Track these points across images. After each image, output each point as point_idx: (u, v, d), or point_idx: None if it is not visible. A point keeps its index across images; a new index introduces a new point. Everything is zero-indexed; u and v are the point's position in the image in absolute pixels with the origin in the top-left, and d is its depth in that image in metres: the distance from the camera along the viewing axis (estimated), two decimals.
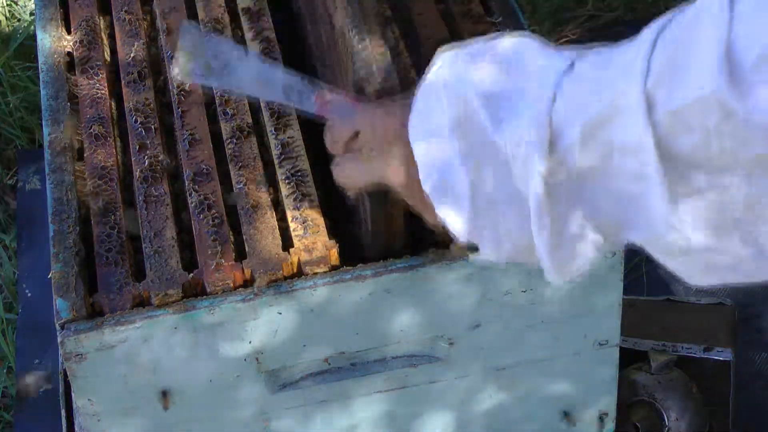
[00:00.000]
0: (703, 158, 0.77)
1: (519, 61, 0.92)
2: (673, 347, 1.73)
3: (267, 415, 1.30)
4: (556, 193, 0.87)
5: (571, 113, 0.85)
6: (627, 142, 0.81)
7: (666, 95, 0.77)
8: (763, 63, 0.71)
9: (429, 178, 0.95)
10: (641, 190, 0.82)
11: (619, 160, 0.82)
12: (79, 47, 1.47)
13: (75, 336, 1.16)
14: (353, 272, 1.20)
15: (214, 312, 1.18)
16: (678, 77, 0.76)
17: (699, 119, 0.75)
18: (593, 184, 0.85)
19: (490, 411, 1.37)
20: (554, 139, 0.85)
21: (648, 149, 0.79)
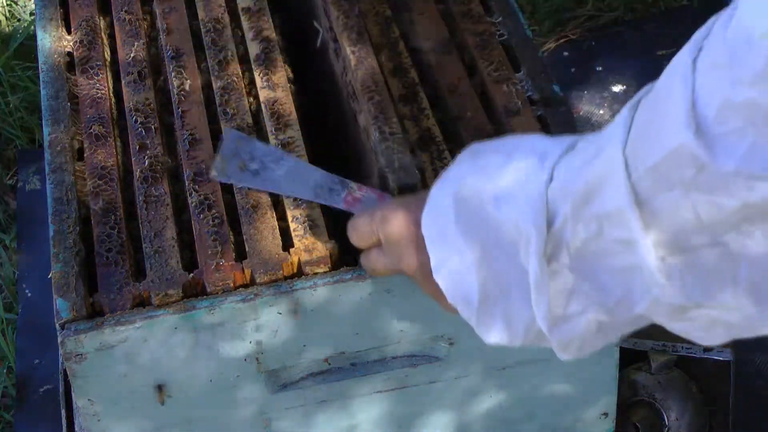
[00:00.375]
0: (689, 216, 0.78)
1: (519, 146, 0.97)
2: (673, 347, 1.73)
3: (267, 415, 1.30)
4: (556, 271, 0.90)
5: (563, 190, 0.89)
6: (611, 209, 0.83)
7: (642, 154, 0.80)
8: (724, 114, 0.73)
9: (438, 273, 1.01)
10: (634, 257, 0.83)
11: (608, 229, 0.84)
12: (79, 47, 1.47)
13: (75, 336, 1.16)
14: (353, 272, 1.20)
15: (214, 312, 1.18)
16: (652, 135, 0.79)
17: (675, 174, 0.77)
18: (592, 259, 0.88)
19: (490, 411, 1.37)
20: (551, 218, 0.89)
21: (630, 212, 0.81)
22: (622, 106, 2.38)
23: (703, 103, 0.74)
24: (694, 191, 0.76)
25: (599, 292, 0.89)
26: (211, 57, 1.43)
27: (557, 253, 0.89)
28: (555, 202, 0.89)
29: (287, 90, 1.39)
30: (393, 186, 1.21)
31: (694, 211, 0.77)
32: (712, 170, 0.74)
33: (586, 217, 0.86)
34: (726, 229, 0.77)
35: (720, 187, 0.75)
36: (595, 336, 0.93)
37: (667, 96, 0.78)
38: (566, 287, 0.90)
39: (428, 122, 1.35)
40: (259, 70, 1.42)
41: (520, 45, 1.44)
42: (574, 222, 0.87)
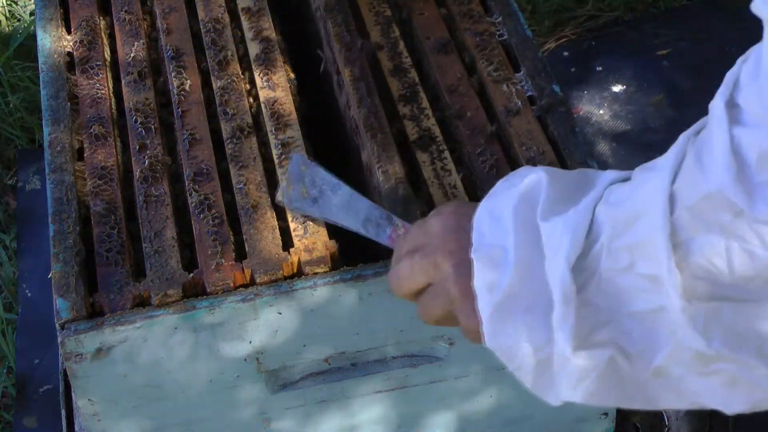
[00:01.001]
0: (722, 262, 0.78)
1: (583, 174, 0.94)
2: None
3: (267, 415, 1.30)
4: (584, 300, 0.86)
5: (607, 214, 0.86)
6: (645, 239, 0.81)
7: (687, 191, 0.79)
8: (764, 161, 0.74)
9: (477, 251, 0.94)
10: (659, 297, 0.82)
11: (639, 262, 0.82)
12: (79, 47, 1.47)
13: (75, 336, 1.16)
14: (353, 272, 1.20)
15: (214, 312, 1.18)
16: (697, 175, 0.78)
17: (713, 215, 0.77)
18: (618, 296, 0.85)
19: (490, 411, 1.37)
20: (592, 239, 0.86)
21: (662, 245, 0.80)
22: (622, 105, 2.40)
23: (745, 150, 0.75)
24: (731, 238, 0.76)
25: (622, 335, 0.86)
26: (211, 57, 1.43)
27: (588, 281, 0.86)
28: (598, 224, 0.86)
29: (287, 90, 1.39)
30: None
31: (728, 257, 0.77)
32: (748, 217, 0.75)
33: (620, 247, 0.84)
34: (758, 284, 0.77)
35: (755, 236, 0.75)
36: (611, 380, 0.88)
37: (710, 138, 0.78)
38: (590, 319, 0.87)
39: (428, 122, 1.35)
40: (259, 70, 1.42)
41: (520, 45, 1.44)
42: (608, 250, 0.85)
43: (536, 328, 0.89)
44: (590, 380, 0.88)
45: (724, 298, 0.79)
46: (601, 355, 0.86)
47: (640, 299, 0.84)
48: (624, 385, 0.88)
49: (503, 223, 0.92)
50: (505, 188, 0.95)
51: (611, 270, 0.85)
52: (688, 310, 0.80)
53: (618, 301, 0.85)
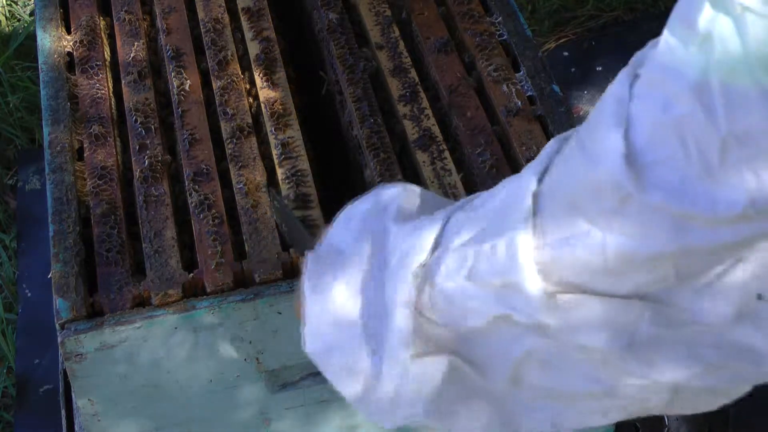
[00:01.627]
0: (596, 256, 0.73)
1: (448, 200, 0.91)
2: None
3: (267, 415, 1.30)
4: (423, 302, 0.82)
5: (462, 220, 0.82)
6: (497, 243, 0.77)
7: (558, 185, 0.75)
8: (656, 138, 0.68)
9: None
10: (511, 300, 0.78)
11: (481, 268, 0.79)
12: (79, 47, 1.47)
13: (75, 336, 1.16)
14: None
15: (214, 312, 1.18)
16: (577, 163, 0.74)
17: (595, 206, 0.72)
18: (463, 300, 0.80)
19: None
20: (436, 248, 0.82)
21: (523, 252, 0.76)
22: None
23: (635, 130, 0.69)
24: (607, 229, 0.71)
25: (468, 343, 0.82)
26: (211, 57, 1.43)
27: (426, 286, 0.82)
28: (450, 228, 0.82)
29: (287, 90, 1.39)
30: None
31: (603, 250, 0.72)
32: (637, 202, 0.69)
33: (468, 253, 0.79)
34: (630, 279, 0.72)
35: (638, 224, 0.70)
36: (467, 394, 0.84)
37: (597, 124, 0.72)
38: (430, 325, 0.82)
39: (428, 122, 1.35)
40: (259, 70, 1.42)
41: (520, 45, 1.44)
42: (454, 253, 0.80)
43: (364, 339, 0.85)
44: (432, 389, 0.84)
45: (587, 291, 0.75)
46: (439, 362, 0.82)
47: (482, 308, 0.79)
48: (489, 398, 0.83)
49: (351, 224, 0.90)
50: (368, 195, 0.93)
51: (451, 275, 0.80)
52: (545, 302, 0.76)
53: (459, 309, 0.81)
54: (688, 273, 0.72)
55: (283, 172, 1.29)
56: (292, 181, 1.28)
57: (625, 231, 0.71)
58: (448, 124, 1.37)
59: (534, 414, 0.83)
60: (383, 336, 0.84)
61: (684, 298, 0.73)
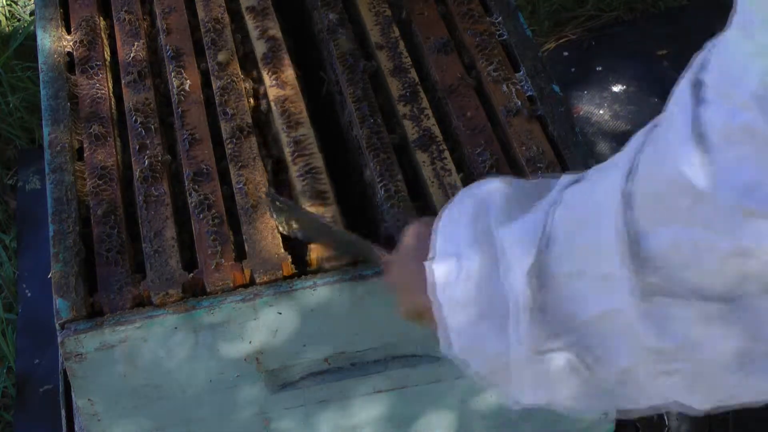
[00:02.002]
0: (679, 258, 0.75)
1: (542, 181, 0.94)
2: None
3: (267, 415, 1.30)
4: (543, 304, 0.86)
5: (562, 217, 0.85)
6: (599, 241, 0.80)
7: (644, 184, 0.77)
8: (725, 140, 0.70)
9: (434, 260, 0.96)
10: (612, 298, 0.80)
11: (592, 264, 0.81)
12: (79, 47, 1.47)
13: (75, 336, 1.16)
14: (353, 272, 1.20)
15: (214, 312, 1.18)
16: (656, 164, 0.76)
17: (671, 204, 0.74)
18: (576, 297, 0.84)
19: (489, 411, 1.37)
20: (546, 244, 0.85)
21: (618, 244, 0.78)
22: (622, 105, 2.40)
23: (706, 127, 0.71)
24: (688, 229, 0.73)
25: (579, 341, 0.85)
26: (211, 57, 1.43)
27: (543, 285, 0.85)
28: (555, 227, 0.85)
29: (297, 88, 1.39)
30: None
31: (694, 248, 0.74)
32: (709, 203, 0.71)
33: (575, 249, 0.83)
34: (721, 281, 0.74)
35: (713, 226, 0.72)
36: (572, 385, 0.88)
37: (669, 126, 0.75)
38: (547, 326, 0.86)
39: (428, 122, 1.35)
40: (267, 69, 1.41)
41: (520, 45, 1.44)
42: (564, 253, 0.84)
43: (493, 336, 0.90)
44: (548, 385, 0.89)
45: (679, 295, 0.77)
46: (557, 360, 0.87)
47: (594, 303, 0.83)
48: (588, 389, 0.88)
49: (460, 230, 0.94)
50: (465, 196, 0.97)
51: (566, 274, 0.84)
52: (641, 306, 0.79)
53: (574, 306, 0.84)
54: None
55: (297, 170, 1.29)
56: (306, 179, 1.28)
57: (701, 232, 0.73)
58: (448, 124, 1.37)
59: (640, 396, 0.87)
60: (508, 334, 0.88)
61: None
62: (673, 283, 0.77)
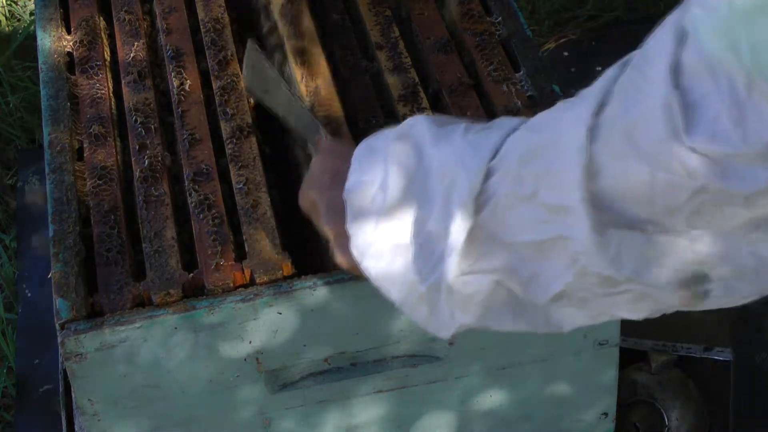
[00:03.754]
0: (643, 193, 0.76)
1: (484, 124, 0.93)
2: (673, 347, 1.73)
3: (267, 415, 1.30)
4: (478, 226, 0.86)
5: (514, 146, 0.85)
6: (555, 169, 0.80)
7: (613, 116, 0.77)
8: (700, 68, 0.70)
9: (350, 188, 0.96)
10: (560, 227, 0.81)
11: (544, 191, 0.82)
12: (79, 47, 1.47)
13: (75, 336, 1.16)
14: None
15: (214, 312, 1.18)
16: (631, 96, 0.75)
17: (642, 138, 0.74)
18: (515, 225, 0.84)
19: (489, 411, 1.37)
20: (493, 167, 0.85)
21: (575, 175, 0.78)
22: None
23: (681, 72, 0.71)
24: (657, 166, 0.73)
25: (513, 262, 0.86)
26: (211, 57, 1.43)
27: (484, 206, 0.85)
28: (508, 149, 0.85)
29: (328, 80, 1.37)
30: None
31: (650, 186, 0.75)
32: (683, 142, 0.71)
33: (528, 173, 0.83)
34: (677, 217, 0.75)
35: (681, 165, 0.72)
36: (504, 306, 0.89)
37: (646, 61, 0.74)
38: (482, 244, 0.86)
39: None
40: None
41: (520, 45, 1.44)
42: (514, 175, 0.84)
43: (418, 260, 0.90)
44: (478, 304, 0.89)
45: (637, 227, 0.78)
46: (484, 280, 0.87)
47: (536, 229, 0.83)
48: (521, 309, 0.89)
49: (378, 156, 0.94)
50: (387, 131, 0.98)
51: (512, 197, 0.84)
52: (595, 239, 0.79)
53: (511, 228, 0.85)
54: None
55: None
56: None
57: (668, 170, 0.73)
58: None
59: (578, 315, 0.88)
60: (438, 255, 0.88)
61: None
62: (628, 217, 0.77)
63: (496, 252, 0.86)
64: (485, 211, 0.85)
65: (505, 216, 0.85)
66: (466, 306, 0.90)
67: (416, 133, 0.94)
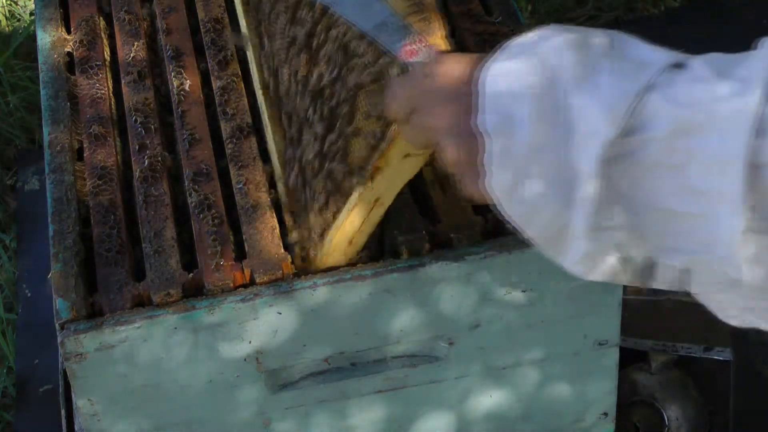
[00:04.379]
0: None
1: (624, 43, 0.87)
2: (673, 347, 1.73)
3: (267, 415, 1.30)
4: (610, 177, 0.83)
5: (665, 109, 0.81)
6: (716, 156, 0.77)
7: None
8: None
9: (491, 113, 0.88)
10: (710, 209, 0.78)
11: (694, 171, 0.78)
12: (79, 47, 1.47)
13: (75, 336, 1.16)
14: (353, 272, 1.20)
15: (214, 312, 1.18)
16: None
17: None
18: (656, 187, 0.81)
19: (489, 411, 1.37)
20: (634, 127, 0.81)
21: (736, 169, 0.75)
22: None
23: None
24: None
25: (640, 224, 0.83)
26: (211, 57, 1.43)
27: (619, 161, 0.81)
28: (653, 115, 0.81)
29: None
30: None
31: None
32: None
33: (680, 147, 0.79)
34: None
35: None
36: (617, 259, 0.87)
37: None
38: (610, 198, 0.83)
39: None
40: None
41: None
42: (663, 145, 0.80)
43: (552, 201, 0.86)
44: (596, 261, 0.87)
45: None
46: (609, 239, 0.85)
47: (679, 199, 0.80)
48: (627, 262, 0.87)
49: (516, 90, 0.87)
50: (518, 51, 0.89)
51: (659, 164, 0.80)
52: (742, 241, 0.76)
53: (648, 192, 0.81)
54: None
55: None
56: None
57: None
58: None
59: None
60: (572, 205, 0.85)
61: None
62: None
63: (624, 211, 0.83)
64: (617, 167, 0.82)
65: (643, 178, 0.81)
66: (582, 261, 0.88)
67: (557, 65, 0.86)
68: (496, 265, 1.21)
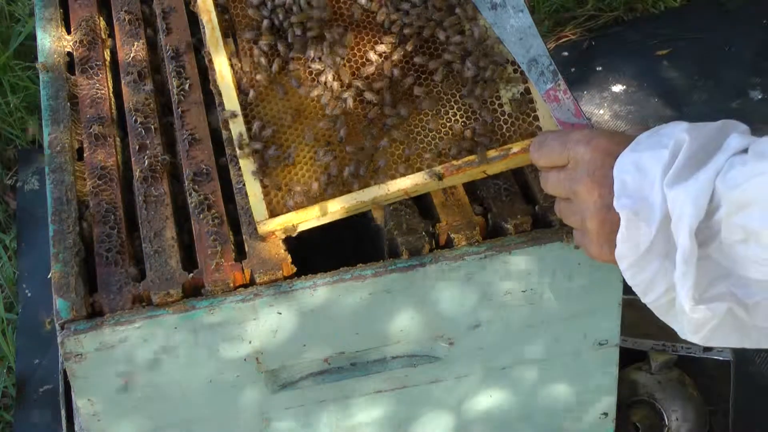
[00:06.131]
0: None
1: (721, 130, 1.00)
2: (673, 347, 1.73)
3: (267, 415, 1.30)
4: (706, 256, 0.96)
5: (723, 193, 0.94)
6: (756, 229, 0.91)
7: None
8: None
9: (620, 201, 1.02)
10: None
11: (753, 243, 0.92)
12: (79, 47, 1.47)
13: (75, 336, 1.16)
14: (353, 272, 1.20)
15: (214, 312, 1.18)
16: None
17: None
18: (739, 260, 0.95)
19: (489, 411, 1.37)
20: (714, 207, 0.95)
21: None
22: (622, 105, 2.39)
23: None
24: None
25: (739, 288, 0.95)
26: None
27: (710, 241, 0.95)
28: (719, 196, 0.94)
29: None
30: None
31: None
32: None
33: (736, 224, 0.92)
34: None
35: None
36: (731, 328, 0.98)
37: None
38: (710, 273, 0.96)
39: None
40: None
41: None
42: (726, 223, 0.93)
43: (669, 273, 0.99)
44: (708, 329, 0.99)
45: None
46: (718, 308, 0.97)
47: (754, 269, 0.94)
48: (745, 330, 0.99)
49: (649, 178, 1.00)
50: (652, 144, 1.02)
51: (728, 239, 0.94)
52: None
53: (735, 262, 0.95)
54: None
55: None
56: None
57: None
58: None
59: None
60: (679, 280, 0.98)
61: None
62: None
63: (725, 279, 0.96)
64: (711, 246, 0.96)
65: (727, 251, 0.95)
66: (696, 330, 1.00)
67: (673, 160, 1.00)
68: (496, 265, 1.21)
